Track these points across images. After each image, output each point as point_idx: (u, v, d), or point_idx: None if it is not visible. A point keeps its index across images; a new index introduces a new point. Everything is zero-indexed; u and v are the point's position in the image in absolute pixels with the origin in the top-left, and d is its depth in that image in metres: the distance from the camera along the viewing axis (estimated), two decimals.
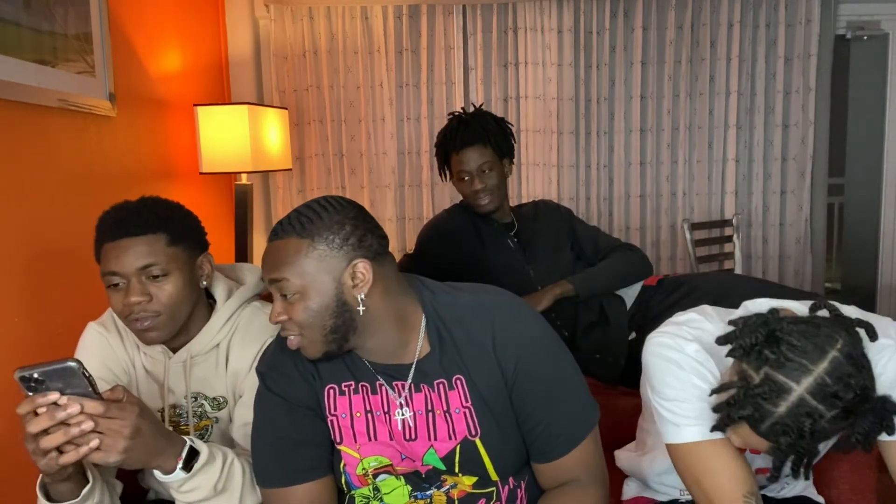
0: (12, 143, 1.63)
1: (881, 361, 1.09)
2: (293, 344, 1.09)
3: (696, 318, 1.17)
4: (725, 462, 1.09)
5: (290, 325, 1.07)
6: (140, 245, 1.21)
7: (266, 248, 1.10)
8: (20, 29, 1.63)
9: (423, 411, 1.14)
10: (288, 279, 1.05)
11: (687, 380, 1.11)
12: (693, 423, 1.11)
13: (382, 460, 1.16)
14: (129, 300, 1.21)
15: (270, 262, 1.07)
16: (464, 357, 1.13)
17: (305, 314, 1.05)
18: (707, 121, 3.13)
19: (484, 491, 1.17)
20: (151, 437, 1.02)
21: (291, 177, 3.10)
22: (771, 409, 0.95)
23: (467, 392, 1.13)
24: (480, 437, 1.13)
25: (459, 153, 2.00)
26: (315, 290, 1.05)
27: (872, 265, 3.47)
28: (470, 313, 1.15)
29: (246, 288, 1.40)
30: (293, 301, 1.06)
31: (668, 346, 1.14)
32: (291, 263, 1.05)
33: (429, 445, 1.14)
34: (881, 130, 3.33)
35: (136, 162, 2.23)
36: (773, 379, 0.95)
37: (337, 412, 1.16)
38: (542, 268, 2.05)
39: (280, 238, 1.08)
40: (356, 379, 1.16)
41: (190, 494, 1.11)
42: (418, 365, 1.14)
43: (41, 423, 0.95)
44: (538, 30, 3.06)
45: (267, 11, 3.02)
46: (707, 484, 1.10)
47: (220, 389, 1.34)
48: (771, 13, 3.06)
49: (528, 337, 1.15)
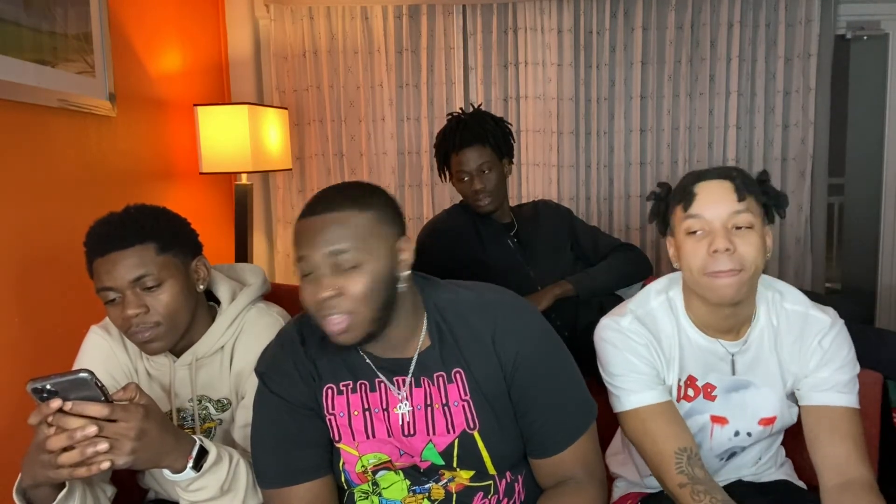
0: (12, 143, 1.63)
1: (817, 339, 1.28)
2: (337, 323, 1.06)
3: (641, 293, 1.35)
4: (661, 423, 1.25)
5: (339, 302, 1.06)
6: (129, 257, 1.20)
7: (311, 223, 1.08)
8: (20, 29, 1.63)
9: (421, 406, 1.16)
10: (349, 250, 1.05)
11: (622, 357, 1.28)
12: (631, 393, 1.27)
13: (381, 457, 1.17)
14: (127, 313, 1.20)
15: (327, 235, 1.06)
16: (463, 351, 1.15)
17: (362, 286, 1.05)
18: (707, 121, 3.13)
19: (481, 484, 1.18)
20: (159, 437, 1.02)
21: (291, 177, 3.10)
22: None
23: (466, 385, 1.15)
24: (479, 431, 1.15)
25: (459, 153, 2.00)
26: (374, 261, 1.06)
27: (872, 265, 3.47)
28: (471, 309, 1.17)
29: (251, 289, 1.40)
30: (350, 274, 1.05)
31: (605, 326, 1.32)
32: (354, 235, 1.06)
33: (427, 440, 1.16)
34: (881, 130, 3.33)
35: (135, 162, 2.23)
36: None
37: (335, 411, 1.17)
38: (542, 268, 2.05)
39: (334, 211, 1.07)
40: (355, 378, 1.17)
41: (197, 494, 1.11)
42: (419, 358, 1.16)
43: (60, 441, 0.95)
44: (538, 30, 3.06)
45: (267, 11, 3.02)
46: (647, 443, 1.26)
47: (224, 391, 1.34)
48: (771, 13, 3.06)
49: (528, 333, 1.17)
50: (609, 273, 2.04)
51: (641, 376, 1.27)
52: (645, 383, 1.26)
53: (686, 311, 1.30)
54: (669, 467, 1.21)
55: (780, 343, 1.30)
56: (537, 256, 2.07)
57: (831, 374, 1.26)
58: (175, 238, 1.28)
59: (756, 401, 1.31)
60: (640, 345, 1.27)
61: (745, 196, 1.20)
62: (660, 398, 1.26)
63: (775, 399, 1.31)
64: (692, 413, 1.31)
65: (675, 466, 1.20)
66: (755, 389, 1.31)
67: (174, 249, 1.26)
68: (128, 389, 1.02)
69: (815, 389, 1.27)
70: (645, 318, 1.30)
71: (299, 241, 1.09)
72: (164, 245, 1.24)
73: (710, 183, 1.23)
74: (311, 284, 1.07)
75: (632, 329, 1.28)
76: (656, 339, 1.29)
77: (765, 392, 1.31)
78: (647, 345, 1.28)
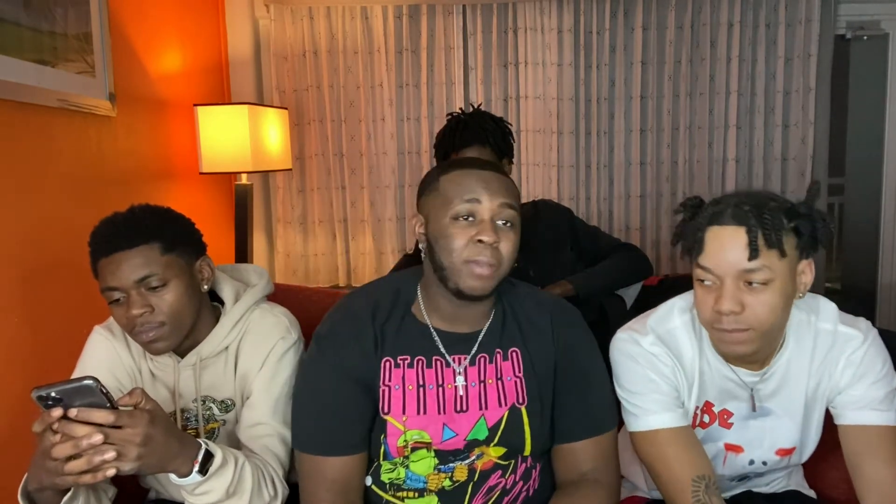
0: (12, 143, 1.63)
1: (847, 353, 1.20)
2: (484, 273, 1.14)
3: (661, 310, 1.27)
4: (678, 449, 1.18)
5: (494, 254, 1.14)
6: (135, 257, 1.21)
7: (484, 176, 1.17)
8: (20, 29, 1.62)
9: (476, 383, 1.23)
10: (516, 209, 1.18)
11: (642, 374, 1.21)
12: (649, 413, 1.20)
13: (424, 436, 1.21)
14: (132, 313, 1.21)
15: (503, 188, 1.17)
16: (524, 332, 1.26)
17: (512, 246, 1.17)
18: (707, 121, 3.13)
19: (504, 462, 1.24)
20: (164, 442, 1.02)
21: (291, 177, 3.10)
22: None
23: (521, 364, 1.24)
24: (526, 406, 1.23)
25: (458, 153, 2.00)
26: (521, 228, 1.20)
27: (872, 265, 3.47)
28: (529, 299, 1.30)
29: (255, 290, 1.40)
30: (507, 231, 1.16)
31: (625, 340, 1.24)
32: (517, 197, 1.20)
33: (480, 415, 1.22)
34: (881, 130, 3.33)
35: (135, 162, 2.23)
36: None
37: (391, 383, 1.22)
38: (542, 267, 2.05)
39: (500, 173, 1.20)
40: (413, 353, 1.23)
41: (203, 497, 1.11)
42: (483, 335, 1.24)
43: (66, 449, 0.95)
44: (538, 30, 3.06)
45: (267, 11, 3.02)
46: (661, 468, 1.19)
47: (228, 392, 1.34)
48: (771, 13, 3.06)
49: (579, 328, 1.30)
50: (609, 273, 2.04)
51: (662, 396, 1.20)
52: (665, 404, 1.20)
53: (710, 335, 1.21)
54: (686, 496, 1.15)
55: (813, 364, 1.23)
56: (537, 256, 2.07)
57: (865, 390, 1.20)
58: (180, 238, 1.28)
59: (774, 430, 1.25)
60: (665, 365, 1.21)
61: (758, 254, 1.06)
62: (679, 421, 1.20)
63: (795, 429, 1.25)
64: (706, 440, 1.26)
65: (693, 495, 1.15)
66: (775, 419, 1.25)
67: (179, 249, 1.26)
68: (133, 395, 1.02)
69: (849, 407, 1.21)
70: (666, 337, 1.23)
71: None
72: (169, 245, 1.25)
73: (722, 230, 1.10)
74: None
75: (654, 351, 1.21)
76: (679, 362, 1.22)
77: (785, 422, 1.25)
78: (673, 367, 1.21)
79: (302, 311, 1.45)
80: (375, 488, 1.25)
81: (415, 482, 1.22)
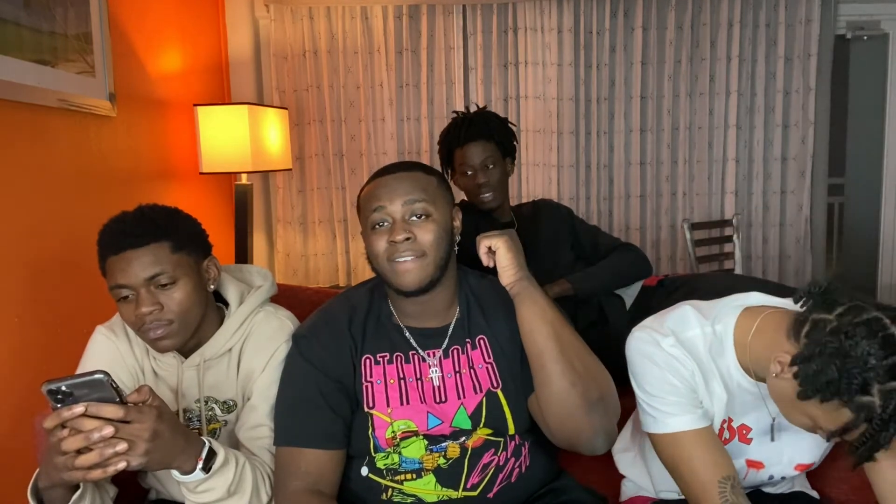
0: (12, 143, 1.63)
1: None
2: (408, 267, 1.20)
3: (679, 314, 1.23)
4: (701, 450, 1.16)
5: (412, 246, 1.20)
6: (145, 255, 1.21)
7: (386, 181, 1.24)
8: (20, 29, 1.63)
9: (451, 374, 1.27)
10: (426, 200, 1.22)
11: (662, 377, 1.18)
12: (669, 415, 1.18)
13: (410, 425, 1.25)
14: (141, 311, 1.21)
15: (406, 186, 1.23)
16: (487, 317, 1.30)
17: (433, 234, 1.22)
18: (707, 121, 3.13)
19: (494, 439, 1.27)
20: (171, 438, 1.03)
21: (291, 177, 3.10)
22: None
23: (490, 349, 1.29)
24: (501, 389, 1.27)
25: (463, 148, 2.00)
26: (441, 216, 1.24)
27: (872, 265, 3.47)
28: (484, 284, 1.35)
29: (260, 292, 1.40)
30: (422, 223, 1.22)
31: (644, 340, 1.21)
32: (427, 189, 1.24)
33: (459, 404, 1.26)
34: (881, 130, 3.33)
35: (136, 162, 2.23)
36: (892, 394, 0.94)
37: (372, 379, 1.26)
38: (542, 267, 2.05)
39: (408, 171, 1.26)
40: (392, 350, 1.28)
41: (205, 495, 1.11)
42: (452, 328, 1.29)
43: (76, 442, 0.95)
44: (538, 30, 3.06)
45: (267, 11, 3.02)
46: (685, 470, 1.17)
47: (230, 393, 1.34)
48: (771, 13, 3.06)
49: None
50: (609, 273, 2.04)
51: (681, 399, 1.18)
52: (685, 407, 1.18)
53: (735, 348, 1.18)
54: (712, 496, 1.14)
55: None
56: (537, 255, 2.07)
57: None
58: (188, 237, 1.28)
59: (794, 446, 1.24)
60: (685, 367, 1.19)
61: None
62: (701, 423, 1.18)
63: (814, 444, 1.24)
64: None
65: (720, 496, 1.14)
66: (794, 433, 1.22)
67: (187, 248, 1.27)
68: (141, 392, 1.02)
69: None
70: (687, 343, 1.20)
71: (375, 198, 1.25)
72: (179, 244, 1.25)
73: None
74: None
75: (673, 353, 1.19)
76: (699, 367, 1.20)
77: (804, 435, 1.21)
78: (693, 370, 1.19)
79: (302, 311, 1.45)
80: (373, 476, 1.26)
81: (410, 464, 1.26)
